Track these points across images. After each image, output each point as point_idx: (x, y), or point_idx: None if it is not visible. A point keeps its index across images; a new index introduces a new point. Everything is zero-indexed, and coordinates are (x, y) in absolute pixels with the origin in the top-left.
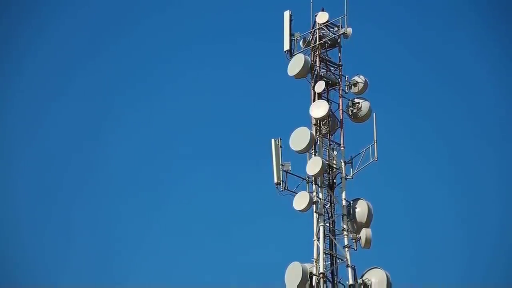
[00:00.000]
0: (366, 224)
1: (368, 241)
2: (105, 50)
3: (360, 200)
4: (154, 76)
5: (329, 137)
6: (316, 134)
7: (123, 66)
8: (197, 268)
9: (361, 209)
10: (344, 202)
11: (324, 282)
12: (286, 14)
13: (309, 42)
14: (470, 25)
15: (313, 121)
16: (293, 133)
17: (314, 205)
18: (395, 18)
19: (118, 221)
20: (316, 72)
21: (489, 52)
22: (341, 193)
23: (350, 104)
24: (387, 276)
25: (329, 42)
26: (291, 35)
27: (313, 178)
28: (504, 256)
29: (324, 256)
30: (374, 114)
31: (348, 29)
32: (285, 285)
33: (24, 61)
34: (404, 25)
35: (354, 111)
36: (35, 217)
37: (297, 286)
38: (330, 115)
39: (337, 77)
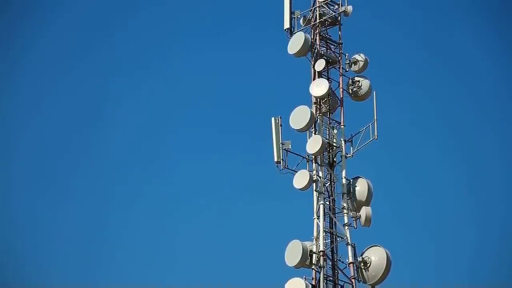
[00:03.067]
0: (366, 203)
1: (368, 219)
2: (110, 35)
3: (360, 178)
4: (157, 58)
5: (329, 115)
6: (316, 112)
7: (125, 52)
8: (195, 252)
9: (361, 188)
10: (344, 181)
11: (324, 260)
12: None
13: (309, 20)
14: (469, 5)
15: (313, 100)
16: (293, 111)
17: (314, 184)
18: None
19: (113, 214)
20: (316, 51)
21: (486, 30)
22: (341, 171)
23: (350, 82)
24: (387, 254)
25: (329, 20)
26: (291, 13)
27: (313, 156)
28: None
29: (324, 234)
30: (374, 92)
31: (348, 7)
32: (285, 262)
33: (27, 49)
34: (404, 3)
35: (354, 89)
36: (27, 214)
37: (297, 263)
38: (330, 93)
39: (337, 55)
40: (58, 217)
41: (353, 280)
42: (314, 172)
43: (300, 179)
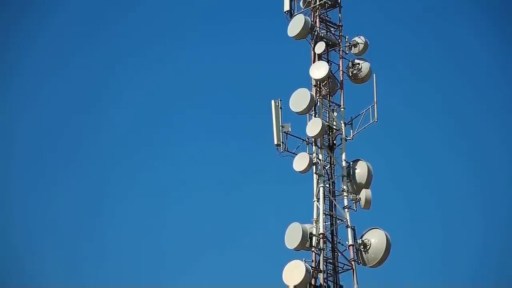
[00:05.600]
0: (366, 185)
1: (368, 202)
2: (112, 24)
3: (360, 161)
4: (155, 46)
5: (329, 98)
6: (316, 95)
7: (122, 44)
8: (194, 236)
9: (361, 170)
10: (344, 163)
11: (324, 242)
12: None
13: (309, 2)
14: None
15: (313, 82)
16: (293, 94)
17: (314, 166)
18: None
19: (107, 205)
20: (316, 33)
21: (486, 16)
22: (341, 154)
23: (350, 65)
24: (386, 237)
25: (329, 3)
26: None
27: (313, 139)
28: None
29: (324, 216)
30: (374, 75)
31: None
32: (285, 245)
33: (25, 48)
34: None
35: (354, 72)
36: (21, 209)
37: (297, 246)
38: (330, 76)
39: (337, 38)
40: (49, 210)
41: (352, 262)
42: (314, 154)
43: (300, 162)
